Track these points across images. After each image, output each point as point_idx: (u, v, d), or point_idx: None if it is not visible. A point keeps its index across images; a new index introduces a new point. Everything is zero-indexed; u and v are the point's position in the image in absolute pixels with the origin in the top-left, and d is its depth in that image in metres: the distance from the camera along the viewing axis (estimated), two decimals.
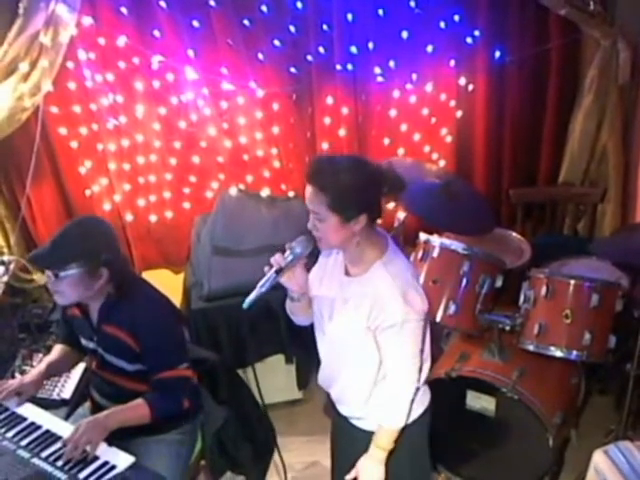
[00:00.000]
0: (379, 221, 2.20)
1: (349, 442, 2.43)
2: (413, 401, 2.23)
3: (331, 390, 2.43)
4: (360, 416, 2.35)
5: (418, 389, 2.25)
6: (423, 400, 2.36)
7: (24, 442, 2.29)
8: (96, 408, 2.52)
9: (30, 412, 2.44)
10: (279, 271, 2.11)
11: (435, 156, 4.04)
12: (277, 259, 2.11)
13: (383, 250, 2.15)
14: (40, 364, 2.60)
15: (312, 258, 2.26)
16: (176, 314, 2.57)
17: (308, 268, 2.26)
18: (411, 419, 2.27)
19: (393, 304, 2.07)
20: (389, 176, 2.16)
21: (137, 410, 2.35)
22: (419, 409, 2.33)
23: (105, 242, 2.32)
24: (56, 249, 2.25)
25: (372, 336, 2.15)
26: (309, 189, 2.03)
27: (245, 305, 2.10)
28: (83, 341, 2.52)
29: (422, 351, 2.20)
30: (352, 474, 2.30)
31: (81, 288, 2.29)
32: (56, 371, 2.67)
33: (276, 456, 2.76)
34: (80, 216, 2.39)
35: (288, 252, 2.12)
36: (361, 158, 2.18)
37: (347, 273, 2.22)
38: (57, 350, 2.65)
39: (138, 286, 2.47)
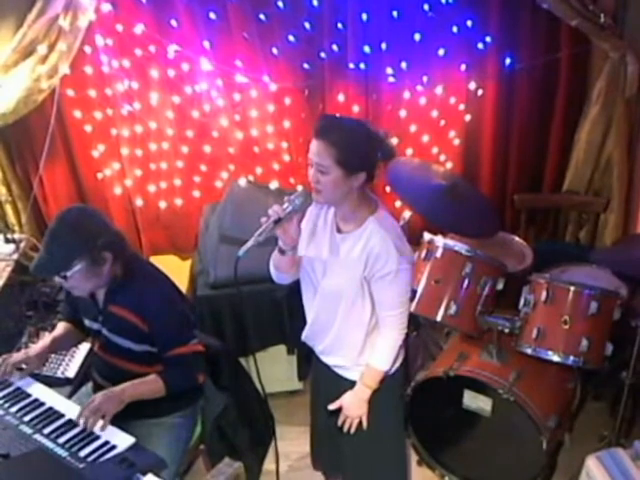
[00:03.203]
0: None
1: (333, 392, 2.50)
2: (401, 347, 2.37)
3: (317, 344, 2.50)
4: (350, 366, 2.44)
5: (407, 335, 2.37)
6: (399, 356, 2.46)
7: (27, 418, 2.32)
8: (98, 389, 2.53)
9: (34, 389, 2.47)
10: (277, 222, 2.16)
11: (442, 158, 4.06)
12: (276, 210, 2.17)
13: (374, 209, 2.26)
14: (45, 338, 2.63)
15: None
16: (179, 291, 2.58)
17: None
18: (391, 371, 2.41)
19: (388, 254, 2.19)
20: (385, 143, 2.25)
21: (151, 384, 2.38)
22: (396, 363, 2.45)
23: (96, 226, 2.30)
24: (53, 254, 2.24)
25: (367, 286, 2.26)
26: (317, 143, 2.13)
27: (240, 253, 2.15)
28: (87, 322, 2.54)
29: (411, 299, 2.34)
30: (336, 404, 2.43)
31: (92, 278, 2.31)
32: (60, 347, 2.70)
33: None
34: (60, 213, 2.35)
35: (287, 204, 2.18)
36: (364, 120, 2.28)
37: (339, 230, 2.31)
38: (61, 327, 2.67)
39: (141, 265, 2.49)
